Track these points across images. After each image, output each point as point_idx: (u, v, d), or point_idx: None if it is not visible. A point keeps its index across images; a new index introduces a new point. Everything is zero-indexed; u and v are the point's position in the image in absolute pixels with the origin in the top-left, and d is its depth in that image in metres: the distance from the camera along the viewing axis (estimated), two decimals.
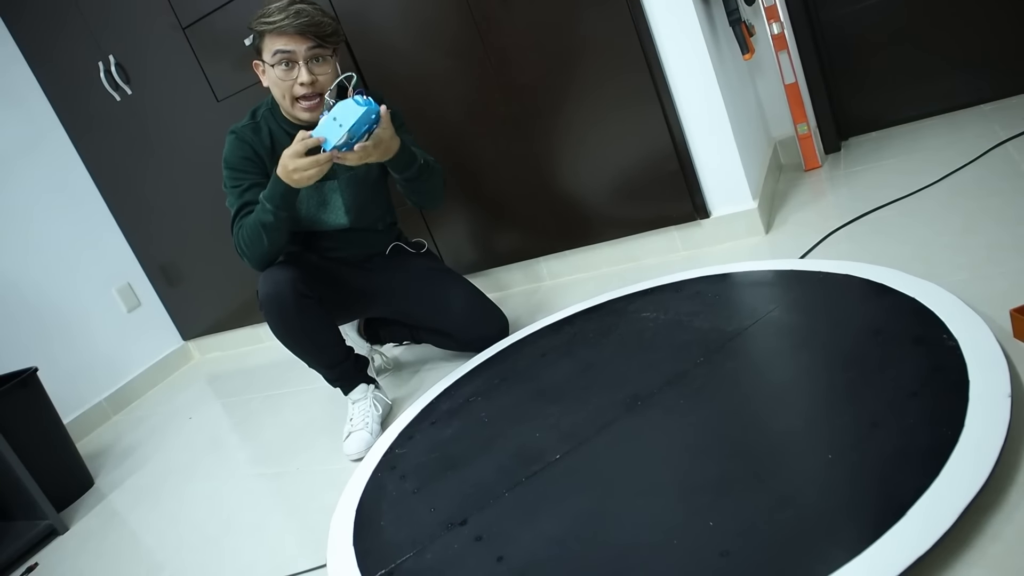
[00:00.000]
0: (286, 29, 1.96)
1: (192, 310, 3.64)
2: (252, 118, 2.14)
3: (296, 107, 2.05)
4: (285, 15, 1.95)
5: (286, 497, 2.05)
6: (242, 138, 2.10)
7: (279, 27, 1.96)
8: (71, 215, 3.44)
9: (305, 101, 2.04)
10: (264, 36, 2.00)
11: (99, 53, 3.11)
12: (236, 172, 2.08)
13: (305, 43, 1.99)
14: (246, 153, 2.08)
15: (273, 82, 2.04)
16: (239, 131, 2.11)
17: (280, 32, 1.97)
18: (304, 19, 1.96)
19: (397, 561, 1.46)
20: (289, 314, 2.04)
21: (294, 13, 1.96)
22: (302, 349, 2.14)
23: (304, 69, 2.00)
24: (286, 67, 2.00)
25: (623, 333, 2.01)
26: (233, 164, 2.09)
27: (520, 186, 2.63)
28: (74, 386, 3.28)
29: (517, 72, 2.46)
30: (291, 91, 2.03)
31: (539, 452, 1.63)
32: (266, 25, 1.98)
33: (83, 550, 2.24)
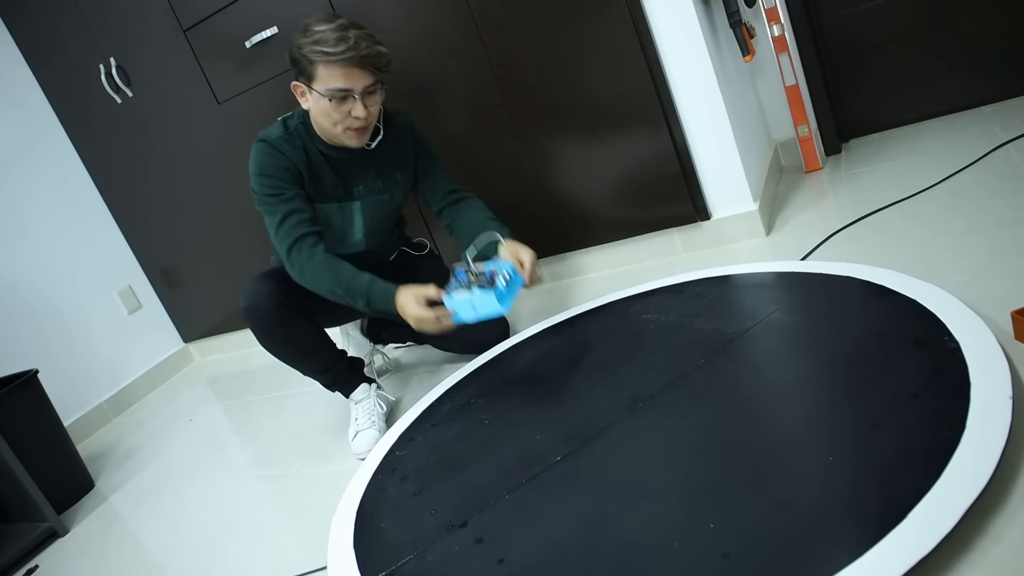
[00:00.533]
0: (347, 62, 1.83)
1: (193, 312, 3.64)
2: (284, 130, 2.01)
3: (345, 135, 1.95)
4: (345, 47, 1.81)
5: (287, 499, 2.04)
6: (277, 147, 1.97)
7: (339, 59, 1.82)
8: (72, 217, 3.44)
9: (355, 132, 1.94)
10: (317, 65, 1.85)
11: (100, 55, 3.11)
12: (274, 180, 1.97)
13: (363, 79, 1.86)
14: (282, 162, 1.97)
15: (322, 111, 1.91)
16: (273, 140, 1.98)
17: (339, 65, 1.83)
18: (364, 52, 1.83)
19: (398, 563, 1.46)
20: (270, 325, 2.04)
21: (353, 44, 1.81)
22: (289, 357, 2.14)
23: (360, 104, 1.88)
24: (340, 101, 1.88)
25: (624, 335, 2.01)
26: (270, 172, 1.96)
27: (520, 188, 2.63)
28: (75, 388, 3.28)
29: (517, 74, 2.46)
30: (343, 123, 1.92)
31: (540, 454, 1.62)
32: (322, 56, 1.83)
33: (83, 552, 2.24)
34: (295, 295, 2.04)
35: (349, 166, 2.06)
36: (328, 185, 2.05)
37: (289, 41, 1.91)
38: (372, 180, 2.10)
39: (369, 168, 2.09)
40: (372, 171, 2.09)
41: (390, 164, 2.11)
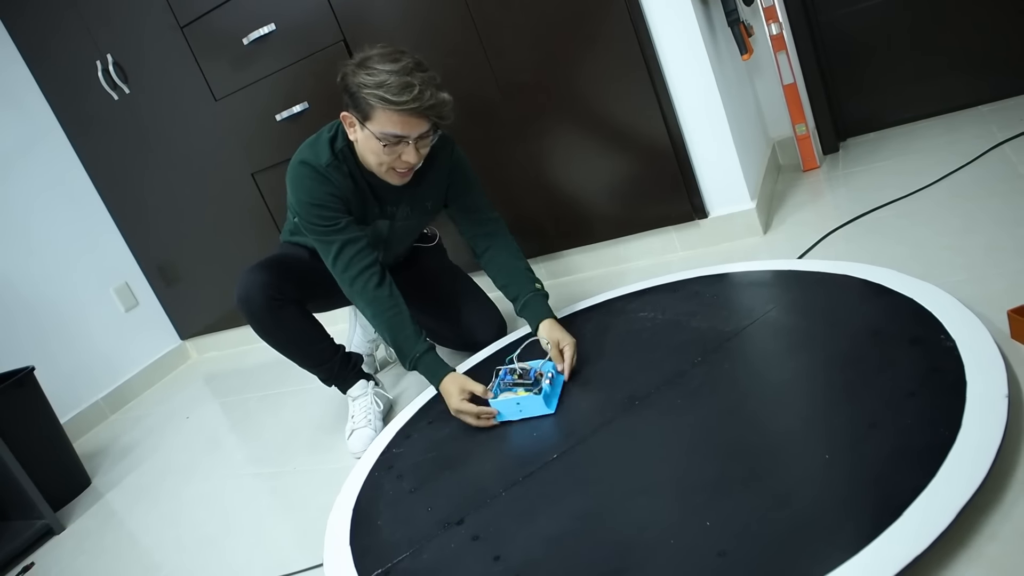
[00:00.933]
0: (411, 113, 1.74)
1: (190, 309, 3.64)
2: (332, 153, 1.92)
3: (388, 175, 1.89)
4: (409, 97, 1.71)
5: (283, 496, 2.04)
6: (326, 176, 1.90)
7: (403, 110, 1.74)
8: (69, 214, 3.44)
9: (401, 173, 1.88)
10: (376, 108, 1.75)
11: (97, 52, 3.10)
12: (325, 210, 1.90)
13: (421, 128, 1.79)
14: (331, 191, 1.90)
15: (372, 151, 1.83)
16: (322, 169, 1.90)
17: (400, 115, 1.75)
18: (429, 104, 1.74)
19: (394, 560, 1.46)
20: (262, 317, 2.04)
21: (417, 95, 1.71)
22: (284, 349, 2.15)
23: (412, 149, 1.81)
24: (393, 145, 1.80)
25: (621, 333, 2.01)
26: (321, 201, 1.90)
27: (518, 186, 2.63)
28: (71, 385, 3.28)
29: (515, 72, 2.46)
30: (391, 164, 1.85)
31: (536, 451, 1.62)
32: (385, 103, 1.73)
33: (79, 550, 2.23)
34: (286, 287, 2.06)
35: (388, 192, 2.02)
36: (363, 209, 2.01)
37: (343, 69, 1.81)
38: (404, 206, 2.08)
39: (404, 195, 2.04)
40: (406, 198, 2.06)
41: (424, 192, 2.07)
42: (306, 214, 1.92)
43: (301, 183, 1.92)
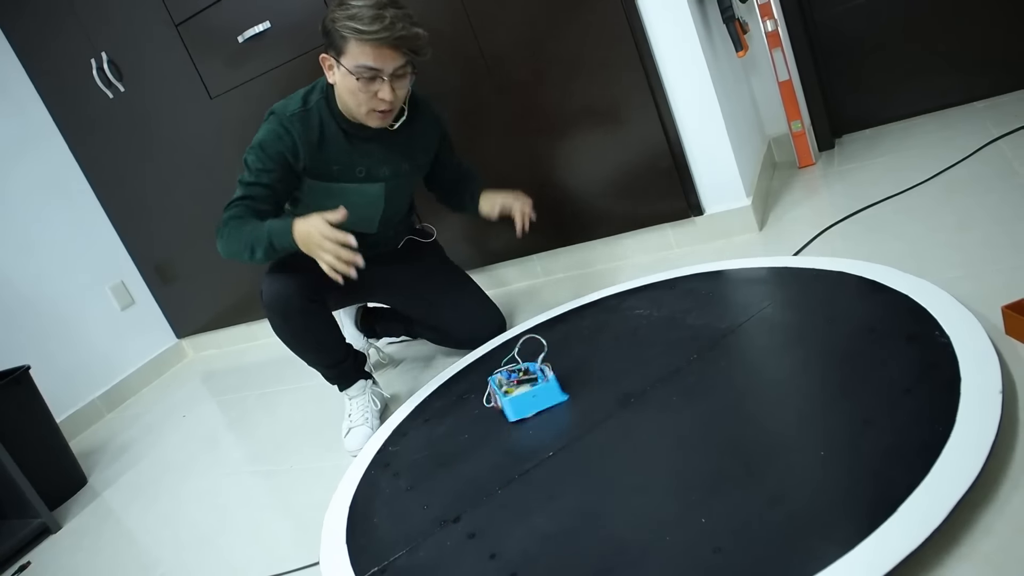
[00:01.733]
0: (381, 42, 1.78)
1: (186, 308, 3.64)
2: (303, 104, 1.96)
3: (369, 116, 1.91)
4: (380, 26, 1.76)
5: (280, 495, 2.04)
6: (288, 128, 1.92)
7: (373, 38, 1.77)
8: (64, 212, 3.43)
9: (380, 113, 1.91)
10: (349, 40, 1.79)
11: (91, 50, 3.10)
12: (264, 161, 1.92)
13: (395, 61, 1.82)
14: (283, 147, 1.92)
15: (348, 89, 1.87)
16: (286, 119, 1.93)
17: (372, 44, 1.78)
18: (400, 33, 1.78)
19: (390, 559, 1.46)
20: (294, 318, 2.00)
21: (388, 24, 1.76)
22: (305, 350, 2.11)
23: (388, 86, 1.83)
24: (368, 81, 1.84)
25: (617, 330, 2.01)
26: (266, 149, 1.92)
27: (515, 183, 2.61)
28: (68, 384, 3.27)
29: (512, 70, 2.46)
30: (368, 103, 1.87)
31: (532, 449, 1.62)
32: (356, 33, 1.77)
33: (76, 548, 2.23)
34: (320, 288, 2.00)
35: (372, 145, 2.02)
36: (346, 163, 2.01)
37: (325, 12, 1.85)
38: (399, 161, 2.08)
39: (393, 150, 2.06)
40: (397, 152, 2.07)
41: (415, 147, 2.10)
42: (251, 153, 1.93)
43: (260, 130, 1.95)
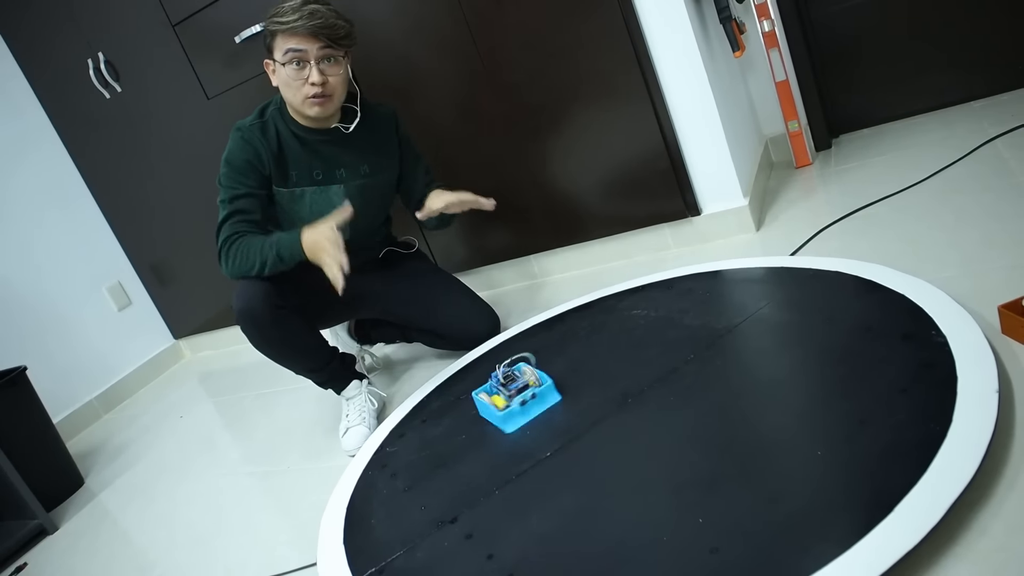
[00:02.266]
0: (298, 30, 1.93)
1: (183, 308, 3.63)
2: (260, 116, 2.09)
3: (306, 105, 2.01)
4: (298, 15, 1.92)
5: (277, 496, 2.04)
6: (248, 139, 2.04)
7: (291, 27, 1.93)
8: (61, 213, 3.43)
9: (315, 99, 2.00)
10: (276, 35, 1.96)
11: (88, 50, 3.10)
12: (235, 174, 2.03)
13: (316, 43, 1.95)
14: (249, 156, 2.03)
15: (284, 81, 2.01)
16: (245, 130, 2.06)
17: (292, 32, 1.93)
18: (318, 20, 1.93)
19: (387, 559, 1.46)
20: (264, 327, 2.00)
21: (308, 14, 1.92)
22: (284, 358, 2.11)
23: (315, 69, 1.96)
24: (297, 66, 1.96)
25: (614, 330, 2.01)
26: (234, 164, 2.03)
27: (511, 184, 2.62)
28: (64, 385, 3.27)
29: (508, 70, 2.46)
30: (301, 90, 1.99)
31: (529, 450, 1.62)
32: (278, 25, 1.94)
33: (73, 550, 2.23)
34: (288, 294, 2.02)
35: (328, 147, 2.11)
36: (303, 168, 2.09)
37: None
38: (356, 163, 2.14)
39: (349, 151, 2.14)
40: (353, 155, 2.14)
41: (372, 149, 2.17)
42: (222, 174, 2.05)
43: (228, 146, 2.06)
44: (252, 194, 2.03)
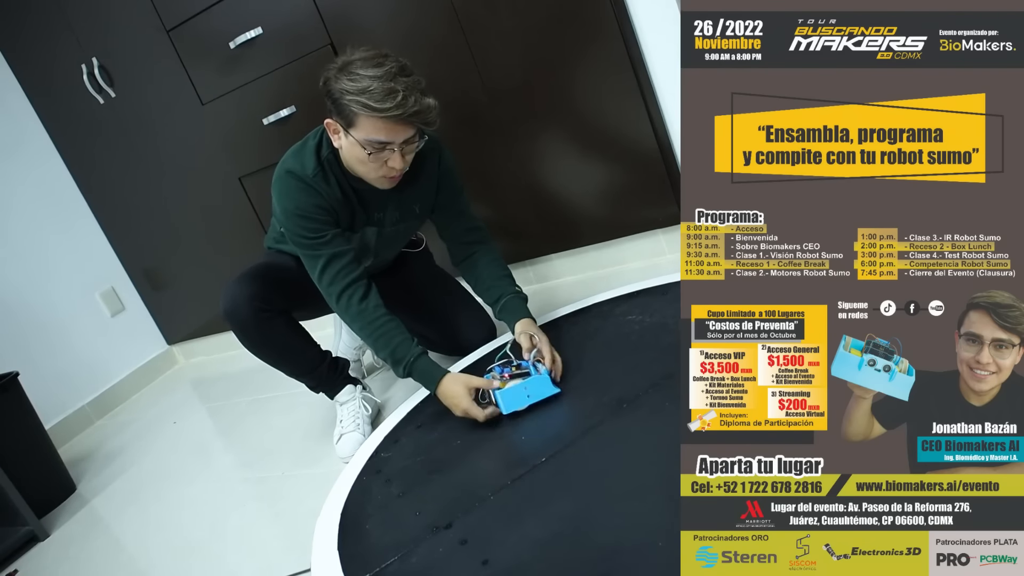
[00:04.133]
0: (395, 120, 1.72)
1: (177, 314, 3.62)
2: (318, 163, 1.89)
3: (379, 181, 1.87)
4: (393, 104, 1.69)
5: (271, 501, 2.03)
6: (313, 186, 1.88)
7: (386, 116, 1.71)
8: (54, 218, 3.42)
9: (391, 179, 1.87)
10: (359, 116, 1.73)
11: (82, 55, 3.09)
12: (312, 223, 1.88)
13: (407, 134, 1.77)
14: (318, 202, 1.88)
15: (357, 159, 1.82)
16: (309, 179, 1.88)
17: (384, 121, 1.72)
18: (413, 110, 1.70)
19: (382, 565, 1.45)
20: (248, 329, 2.01)
21: (401, 101, 1.69)
22: (271, 360, 2.12)
23: (399, 155, 1.78)
24: (378, 152, 1.78)
25: (609, 336, 2.00)
26: (308, 213, 1.87)
27: (506, 189, 2.62)
28: (57, 391, 3.25)
29: (502, 75, 2.46)
30: (378, 171, 1.83)
31: (525, 455, 1.62)
32: (368, 110, 1.71)
33: (64, 556, 2.22)
34: (274, 299, 2.02)
35: (374, 197, 1.99)
36: (349, 213, 1.99)
37: (326, 74, 1.79)
38: (392, 211, 2.05)
39: (393, 199, 2.02)
40: (395, 202, 2.03)
41: (412, 196, 2.05)
42: (293, 225, 1.90)
43: (288, 194, 1.89)
44: (338, 234, 1.93)
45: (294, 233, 1.90)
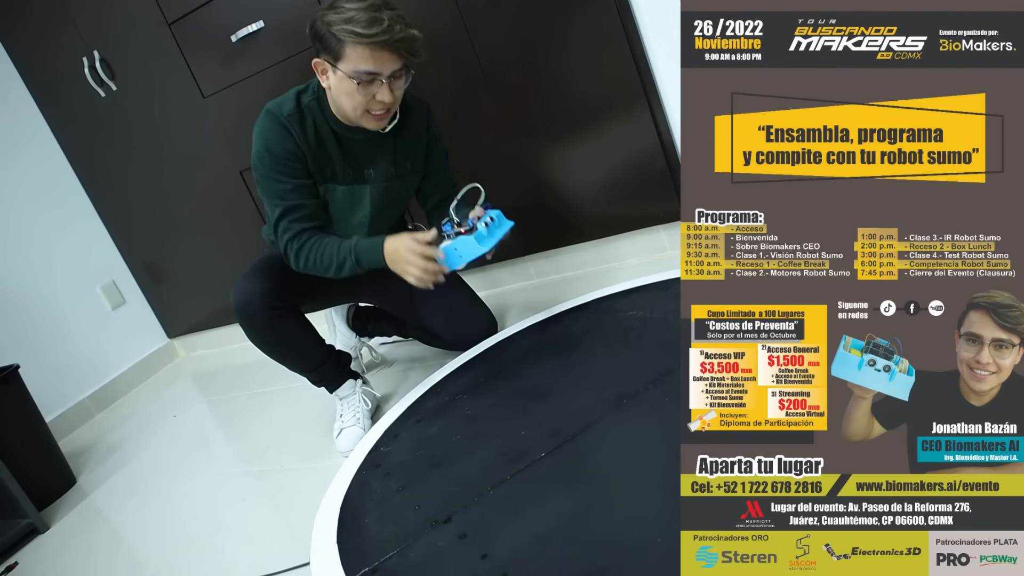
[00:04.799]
0: (379, 45, 1.77)
1: (177, 307, 3.62)
2: (296, 105, 1.94)
3: (365, 118, 1.90)
4: (379, 30, 1.75)
5: (270, 495, 2.04)
6: (286, 127, 1.91)
7: (371, 41, 1.76)
8: (55, 211, 3.41)
9: (377, 115, 1.90)
10: (345, 45, 1.78)
11: (84, 48, 3.08)
12: (279, 165, 1.91)
13: (393, 63, 1.81)
14: (290, 147, 1.91)
15: (346, 92, 1.85)
16: (284, 117, 1.92)
17: (371, 46, 1.77)
18: (399, 36, 1.77)
19: (381, 559, 1.45)
20: (261, 325, 2.00)
21: (387, 27, 1.75)
22: (279, 356, 2.11)
23: (386, 88, 1.83)
24: (366, 84, 1.83)
25: (609, 332, 2.01)
26: (275, 153, 1.91)
27: (508, 185, 2.62)
28: (57, 384, 3.25)
29: (504, 72, 2.45)
30: (364, 105, 1.87)
31: (524, 450, 1.62)
32: (353, 36, 1.76)
33: (64, 549, 2.22)
34: (286, 295, 2.02)
35: (362, 148, 2.02)
36: (337, 166, 2.00)
37: (313, 15, 1.84)
38: (385, 165, 2.06)
39: (382, 152, 2.05)
40: (386, 156, 2.05)
41: (403, 151, 2.08)
42: (261, 164, 1.93)
43: (261, 132, 1.93)
44: (302, 185, 1.94)
45: (260, 174, 1.94)
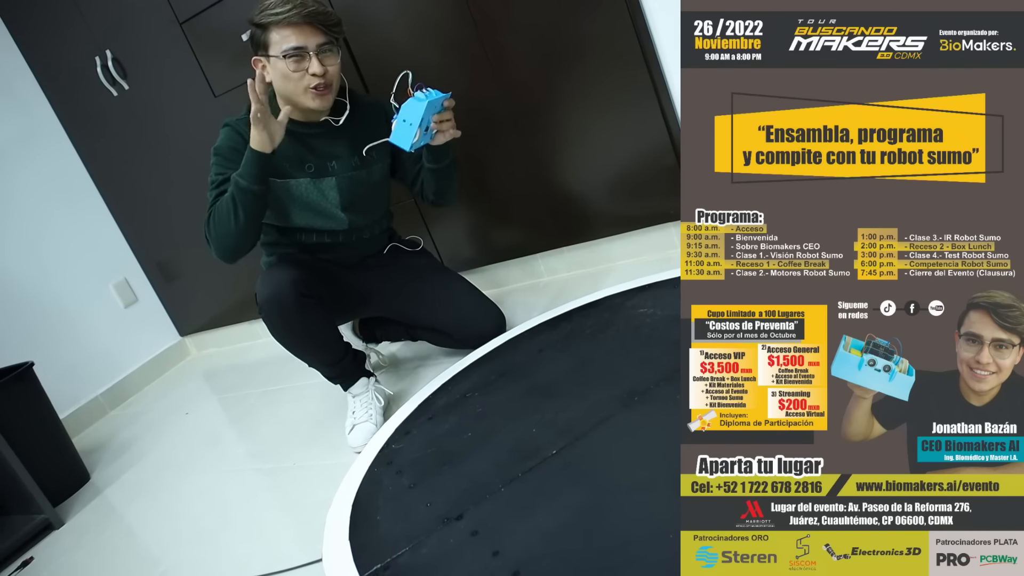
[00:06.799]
0: (293, 19, 1.92)
1: (189, 306, 3.64)
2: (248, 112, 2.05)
3: (307, 96, 2.00)
4: (291, 6, 1.91)
5: (282, 492, 2.05)
6: (237, 130, 2.04)
7: (286, 18, 1.92)
8: (67, 210, 3.44)
9: (317, 91, 2.00)
10: (269, 29, 1.95)
11: (96, 48, 3.10)
12: (222, 160, 2.03)
13: (315, 37, 1.95)
14: (237, 145, 2.02)
15: (282, 74, 1.98)
16: (234, 124, 2.06)
17: (288, 24, 1.93)
18: (311, 8, 1.93)
19: (393, 556, 1.46)
20: (290, 316, 2.02)
21: (299, 3, 1.91)
22: (303, 349, 2.13)
23: (315, 60, 1.96)
24: (297, 60, 1.96)
25: (620, 329, 2.01)
26: (222, 152, 2.04)
27: (518, 182, 2.63)
28: (71, 381, 3.28)
29: (514, 68, 2.46)
30: (302, 82, 1.98)
31: (536, 447, 1.62)
32: (272, 17, 1.93)
33: (78, 545, 2.24)
34: (314, 284, 2.06)
35: (319, 140, 2.11)
36: (295, 160, 2.08)
37: None
38: (348, 156, 2.14)
39: (340, 144, 2.13)
40: (345, 147, 2.13)
41: (363, 141, 2.13)
42: (212, 164, 2.05)
43: (218, 140, 2.08)
44: None
45: (211, 172, 2.05)
